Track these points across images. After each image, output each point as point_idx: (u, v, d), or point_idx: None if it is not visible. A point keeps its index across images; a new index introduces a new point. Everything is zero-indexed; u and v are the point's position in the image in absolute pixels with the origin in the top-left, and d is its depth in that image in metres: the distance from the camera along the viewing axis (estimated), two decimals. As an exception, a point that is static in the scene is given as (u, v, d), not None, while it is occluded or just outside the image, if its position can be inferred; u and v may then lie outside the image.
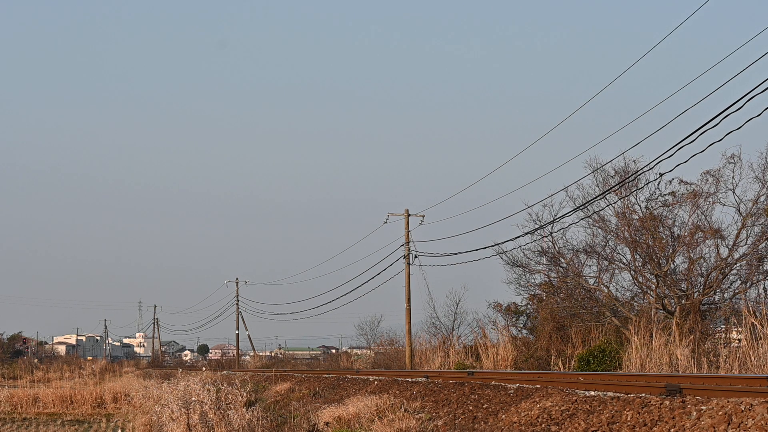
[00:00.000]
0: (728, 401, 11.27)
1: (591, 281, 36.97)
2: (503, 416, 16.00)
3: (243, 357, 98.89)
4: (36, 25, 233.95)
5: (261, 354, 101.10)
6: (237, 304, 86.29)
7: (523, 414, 15.44)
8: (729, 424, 10.57)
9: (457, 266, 53.22)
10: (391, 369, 42.23)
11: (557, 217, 35.24)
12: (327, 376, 35.06)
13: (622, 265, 35.24)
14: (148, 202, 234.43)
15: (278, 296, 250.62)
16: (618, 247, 35.24)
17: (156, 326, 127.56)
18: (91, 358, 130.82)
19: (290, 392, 32.30)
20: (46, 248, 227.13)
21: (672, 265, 33.27)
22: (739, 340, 25.50)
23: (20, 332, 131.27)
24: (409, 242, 44.06)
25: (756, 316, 21.62)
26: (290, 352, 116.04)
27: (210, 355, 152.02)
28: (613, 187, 33.21)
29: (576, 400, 14.64)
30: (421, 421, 17.97)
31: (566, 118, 37.33)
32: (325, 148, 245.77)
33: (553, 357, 30.62)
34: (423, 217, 44.59)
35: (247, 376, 46.56)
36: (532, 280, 39.94)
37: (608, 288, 35.84)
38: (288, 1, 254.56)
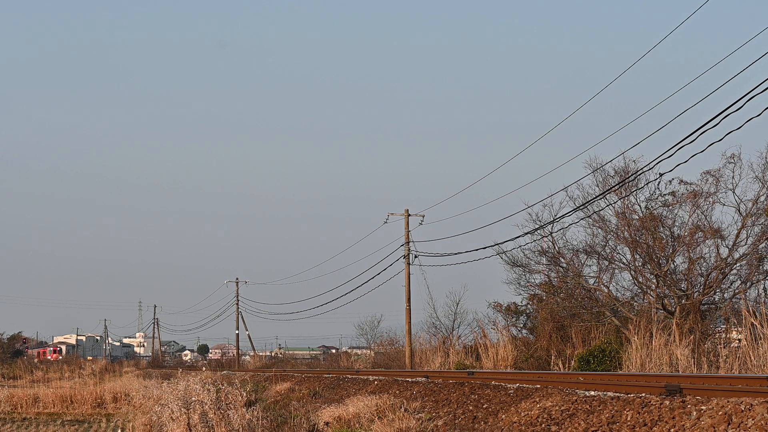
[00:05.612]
0: (728, 401, 11.27)
1: (591, 281, 36.98)
2: (503, 416, 16.00)
3: (243, 357, 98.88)
4: (36, 25, 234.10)
5: (261, 354, 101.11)
6: (237, 304, 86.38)
7: (523, 414, 15.44)
8: (729, 424, 10.58)
9: (457, 266, 53.31)
10: (391, 369, 42.22)
11: (557, 217, 35.28)
12: (327, 376, 35.06)
13: (622, 265, 35.25)
14: (148, 202, 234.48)
15: (278, 296, 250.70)
16: (618, 247, 35.27)
17: (156, 326, 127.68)
18: (91, 358, 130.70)
19: (290, 392, 32.30)
20: (46, 248, 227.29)
21: (672, 265, 33.27)
22: (739, 340, 25.50)
23: (20, 332, 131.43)
24: (409, 242, 44.07)
25: (756, 316, 21.62)
26: (290, 352, 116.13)
27: (210, 355, 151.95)
28: (613, 187, 33.21)
29: (576, 400, 14.65)
30: (421, 421, 17.97)
31: (566, 118, 37.41)
32: (325, 148, 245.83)
33: (553, 357, 30.62)
34: (423, 217, 44.66)
35: (247, 376, 46.57)
36: (532, 280, 39.99)
37: (608, 288, 35.85)
38: (288, 0, 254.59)
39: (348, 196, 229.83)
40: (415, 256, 43.72)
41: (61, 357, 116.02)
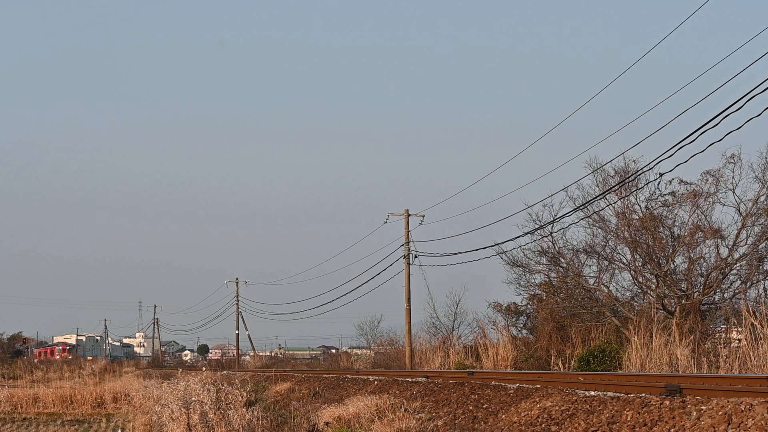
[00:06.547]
0: (728, 401, 11.27)
1: (591, 281, 36.99)
2: (503, 416, 16.00)
3: (243, 357, 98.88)
4: (36, 24, 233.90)
5: (261, 354, 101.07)
6: (237, 304, 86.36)
7: (523, 414, 15.44)
8: (729, 424, 10.58)
9: (457, 266, 53.31)
10: (391, 369, 42.22)
11: (557, 217, 35.28)
12: (327, 376, 35.06)
13: (622, 265, 35.27)
14: (148, 202, 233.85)
15: (278, 296, 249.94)
16: (618, 247, 35.29)
17: (156, 326, 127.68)
18: (91, 358, 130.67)
19: (290, 392, 32.30)
20: (46, 248, 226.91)
21: (672, 265, 33.29)
22: (739, 340, 25.51)
23: (20, 332, 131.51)
24: (409, 242, 44.07)
25: (756, 316, 21.62)
26: (290, 352, 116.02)
27: (210, 355, 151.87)
28: (613, 187, 33.22)
29: (576, 400, 14.65)
30: (421, 421, 17.97)
31: (566, 118, 37.42)
32: (325, 148, 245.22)
33: (553, 357, 30.63)
34: (423, 217, 44.65)
35: (247, 376, 46.56)
36: (532, 280, 40.00)
37: (608, 288, 35.86)
38: (288, 0, 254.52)
39: (348, 196, 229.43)
40: (415, 256, 43.74)
41: (71, 356, 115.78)
